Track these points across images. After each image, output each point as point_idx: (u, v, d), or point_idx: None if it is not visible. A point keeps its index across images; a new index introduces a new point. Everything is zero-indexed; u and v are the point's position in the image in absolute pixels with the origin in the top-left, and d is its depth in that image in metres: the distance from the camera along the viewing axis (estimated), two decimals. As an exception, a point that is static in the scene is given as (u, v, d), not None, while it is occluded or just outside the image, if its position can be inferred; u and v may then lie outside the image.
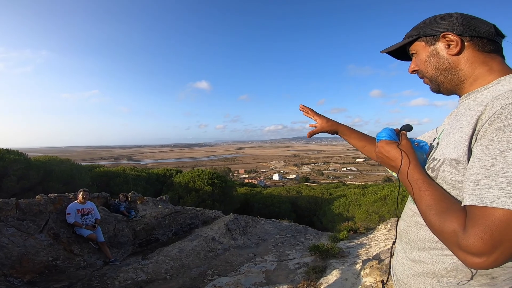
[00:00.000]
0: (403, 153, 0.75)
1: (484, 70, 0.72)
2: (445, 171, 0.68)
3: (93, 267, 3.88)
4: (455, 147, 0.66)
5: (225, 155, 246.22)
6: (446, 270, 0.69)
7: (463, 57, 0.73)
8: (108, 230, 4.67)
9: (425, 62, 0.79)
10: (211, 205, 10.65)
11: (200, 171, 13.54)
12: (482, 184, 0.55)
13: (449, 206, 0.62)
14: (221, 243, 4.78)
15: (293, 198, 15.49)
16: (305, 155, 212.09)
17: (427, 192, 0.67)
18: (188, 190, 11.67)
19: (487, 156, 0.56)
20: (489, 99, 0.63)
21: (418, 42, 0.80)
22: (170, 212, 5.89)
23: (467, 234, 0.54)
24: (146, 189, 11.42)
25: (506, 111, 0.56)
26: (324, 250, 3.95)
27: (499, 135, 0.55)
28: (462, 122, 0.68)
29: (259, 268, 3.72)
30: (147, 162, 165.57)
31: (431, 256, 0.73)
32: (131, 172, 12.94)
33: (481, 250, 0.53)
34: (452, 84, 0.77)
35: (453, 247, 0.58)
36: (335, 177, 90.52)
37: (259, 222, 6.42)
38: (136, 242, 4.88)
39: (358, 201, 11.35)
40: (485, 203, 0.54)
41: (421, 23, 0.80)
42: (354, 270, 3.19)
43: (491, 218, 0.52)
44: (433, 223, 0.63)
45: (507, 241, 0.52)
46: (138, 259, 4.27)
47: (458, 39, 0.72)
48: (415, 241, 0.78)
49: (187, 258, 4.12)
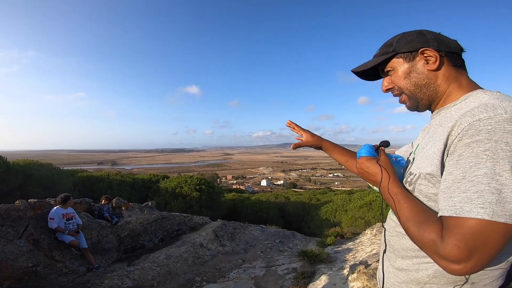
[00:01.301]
0: (382, 168, 0.78)
1: (456, 85, 0.76)
2: (421, 185, 0.72)
3: (75, 273, 3.74)
4: (429, 162, 0.69)
5: (213, 161, 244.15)
6: (429, 277, 0.72)
7: (440, 72, 0.76)
8: (92, 236, 4.51)
9: (405, 79, 0.79)
10: (199, 211, 10.49)
11: (188, 177, 13.35)
12: (455, 196, 0.59)
13: (426, 217, 0.65)
14: (209, 250, 4.71)
15: (281, 204, 15.50)
16: (292, 161, 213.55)
17: (406, 204, 0.69)
18: (175, 196, 11.46)
19: (458, 170, 0.59)
20: (458, 115, 0.66)
21: (395, 59, 0.80)
22: (157, 218, 5.76)
23: (444, 243, 0.57)
24: (131, 195, 11.12)
25: (473, 127, 0.59)
26: (312, 256, 3.97)
27: (467, 150, 0.59)
28: (435, 138, 0.72)
29: (248, 274, 3.69)
30: (132, 167, 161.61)
31: (414, 264, 0.76)
32: (115, 177, 12.58)
33: (459, 258, 0.56)
34: (429, 100, 0.79)
35: (434, 255, 0.61)
36: (322, 183, 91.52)
37: (247, 228, 6.39)
38: (121, 249, 4.73)
39: (345, 206, 11.51)
40: (459, 213, 0.57)
41: (391, 40, 0.81)
42: (342, 275, 3.23)
43: (465, 227, 0.56)
44: (413, 234, 0.66)
45: (481, 248, 0.55)
46: (123, 266, 4.15)
47: (437, 54, 0.74)
48: (399, 250, 0.81)
49: (174, 264, 4.04)
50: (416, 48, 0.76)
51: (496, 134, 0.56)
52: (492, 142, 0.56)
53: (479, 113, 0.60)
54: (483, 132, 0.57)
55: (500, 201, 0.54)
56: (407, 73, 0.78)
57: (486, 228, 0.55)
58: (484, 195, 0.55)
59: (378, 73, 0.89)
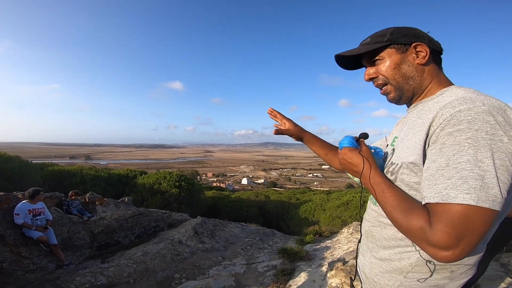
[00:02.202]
0: (364, 159, 0.79)
1: (436, 81, 0.80)
2: (403, 174, 0.73)
3: (44, 270, 3.54)
4: (411, 152, 0.71)
5: (193, 158, 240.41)
6: (411, 265, 0.74)
7: (427, 67, 0.79)
8: (62, 232, 4.27)
9: (394, 69, 0.80)
10: (178, 208, 10.27)
11: (167, 173, 13.01)
12: (440, 183, 0.60)
13: (412, 205, 0.66)
14: (189, 246, 4.62)
15: (261, 203, 15.56)
16: (273, 161, 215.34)
17: (390, 193, 0.70)
18: (153, 192, 11.13)
19: (442, 158, 0.61)
20: (437, 108, 0.69)
21: (388, 49, 0.81)
22: (133, 214, 5.56)
23: (434, 230, 0.58)
24: (106, 190, 10.64)
25: (455, 118, 0.62)
26: (292, 253, 4.01)
27: (450, 139, 0.61)
28: (414, 129, 0.74)
29: (228, 271, 3.66)
30: (107, 162, 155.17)
31: (396, 253, 0.77)
32: (89, 172, 11.97)
33: (448, 244, 0.57)
34: (413, 93, 0.82)
35: (422, 243, 0.62)
36: (302, 183, 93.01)
37: (228, 226, 6.34)
38: (94, 245, 4.52)
39: (323, 206, 11.76)
40: (445, 200, 0.58)
41: (384, 31, 0.82)
42: (320, 272, 3.29)
43: (452, 213, 0.57)
44: (400, 222, 0.66)
45: (469, 233, 0.57)
46: (96, 263, 3.97)
47: (428, 50, 0.77)
48: (381, 240, 0.82)
49: (152, 261, 3.91)
50: (411, 41, 0.78)
51: (477, 123, 0.59)
52: (473, 131, 0.59)
53: (459, 105, 0.63)
54: (464, 122, 0.60)
55: (484, 187, 0.56)
56: (397, 64, 0.80)
57: (472, 213, 0.56)
58: (468, 181, 0.57)
59: (359, 62, 0.90)
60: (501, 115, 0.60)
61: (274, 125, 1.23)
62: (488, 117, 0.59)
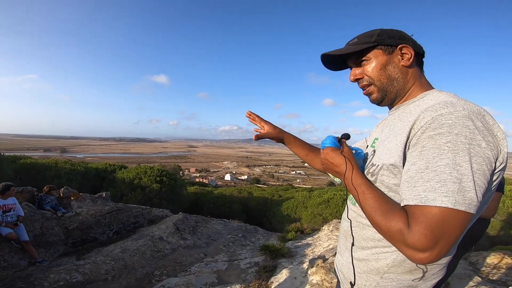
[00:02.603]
0: (346, 159, 0.79)
1: (418, 84, 0.81)
2: (383, 175, 0.74)
3: (15, 267, 3.39)
4: (391, 154, 0.72)
5: (176, 153, 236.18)
6: (388, 266, 0.75)
7: (411, 70, 0.80)
8: (34, 228, 4.07)
9: (380, 70, 0.81)
10: (159, 204, 10.03)
11: (148, 168, 12.66)
12: (419, 186, 0.61)
13: (391, 207, 0.67)
14: (170, 243, 4.53)
15: (244, 199, 15.57)
16: (257, 157, 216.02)
17: (370, 195, 0.71)
18: (133, 188, 10.80)
19: (421, 161, 0.62)
20: (418, 111, 0.70)
21: (375, 50, 0.81)
22: (111, 210, 5.36)
23: (412, 232, 0.59)
24: (82, 185, 10.17)
25: (436, 121, 0.62)
26: (274, 250, 4.04)
27: (430, 142, 0.62)
28: (395, 131, 0.75)
29: (210, 268, 3.62)
30: (85, 156, 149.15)
31: (373, 254, 0.78)
32: (64, 166, 11.39)
33: (425, 246, 0.58)
34: (396, 94, 0.82)
35: (400, 245, 0.62)
36: (285, 180, 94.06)
37: (210, 222, 6.29)
38: (68, 242, 4.33)
39: (305, 203, 11.95)
40: (424, 202, 0.59)
41: (371, 32, 0.82)
42: (302, 269, 3.33)
43: (430, 216, 0.58)
44: (379, 223, 0.66)
45: (445, 236, 0.58)
46: (71, 260, 3.83)
47: (413, 52, 0.78)
48: (359, 240, 0.83)
49: (131, 258, 3.81)
50: (397, 43, 0.79)
51: (456, 128, 0.60)
52: (453, 135, 0.60)
53: (440, 109, 0.64)
54: (445, 126, 0.61)
55: (461, 190, 0.57)
56: (383, 65, 0.80)
57: (449, 216, 0.57)
58: (446, 184, 0.57)
59: (344, 63, 0.90)
60: (479, 120, 0.62)
61: (255, 129, 1.20)
62: (467, 122, 0.60)
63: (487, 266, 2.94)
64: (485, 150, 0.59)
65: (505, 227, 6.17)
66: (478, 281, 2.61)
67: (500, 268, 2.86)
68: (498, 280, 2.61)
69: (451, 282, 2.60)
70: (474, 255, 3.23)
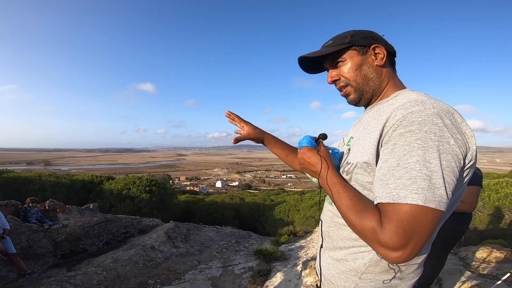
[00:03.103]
0: (322, 159, 0.79)
1: (392, 83, 0.83)
2: (357, 174, 0.75)
3: (5, 279, 3.30)
4: (365, 152, 0.73)
5: (165, 162, 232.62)
6: (365, 265, 0.75)
7: (385, 69, 0.82)
8: (21, 241, 3.97)
9: (355, 71, 0.82)
10: (149, 214, 9.83)
11: (136, 178, 12.41)
12: (390, 183, 0.61)
13: (365, 205, 0.67)
14: (162, 252, 4.44)
15: (236, 205, 15.46)
16: (247, 163, 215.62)
17: (345, 194, 0.71)
18: (122, 198, 10.55)
19: (393, 158, 0.63)
20: (391, 109, 0.71)
21: (350, 51, 0.82)
22: (100, 221, 5.22)
23: (384, 231, 0.59)
24: (68, 198, 9.85)
25: (407, 119, 0.64)
26: (268, 254, 4.04)
27: (401, 139, 0.63)
28: (369, 129, 0.76)
29: (204, 275, 3.58)
30: (70, 168, 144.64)
31: (351, 253, 0.78)
32: (49, 179, 11.02)
33: (398, 244, 0.58)
34: (372, 94, 0.84)
35: (374, 244, 0.62)
36: (276, 184, 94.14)
37: (202, 229, 6.21)
38: (57, 254, 4.22)
39: (297, 206, 11.99)
40: (395, 199, 0.59)
41: (346, 34, 0.83)
42: (296, 271, 3.35)
43: (402, 213, 0.58)
44: (353, 223, 0.67)
45: (417, 234, 0.58)
46: (62, 271, 3.73)
47: (385, 52, 0.80)
48: (337, 241, 0.82)
49: (123, 268, 3.71)
50: (369, 43, 0.80)
51: (426, 125, 0.61)
52: (422, 132, 0.61)
53: (411, 107, 0.65)
54: (415, 123, 0.62)
55: (431, 187, 0.57)
56: (358, 65, 0.81)
57: (419, 213, 0.57)
58: (417, 181, 0.58)
59: (321, 66, 0.91)
60: (448, 118, 0.63)
61: (235, 131, 1.17)
62: (437, 120, 0.61)
63: (477, 260, 2.98)
64: (454, 147, 0.60)
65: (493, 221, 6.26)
66: (469, 275, 2.63)
67: (489, 262, 2.89)
68: (489, 274, 2.64)
69: (443, 278, 2.63)
70: (463, 250, 3.27)
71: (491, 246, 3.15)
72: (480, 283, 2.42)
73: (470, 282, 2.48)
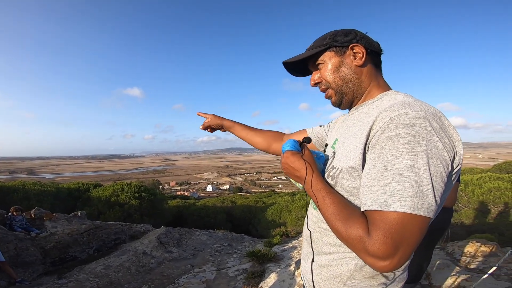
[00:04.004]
0: (306, 163, 0.75)
1: (375, 84, 0.79)
2: (343, 179, 0.71)
3: None
4: (351, 156, 0.69)
5: (154, 167, 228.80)
6: (350, 271, 0.72)
7: (365, 69, 0.78)
8: (9, 249, 3.92)
9: (334, 73, 0.79)
10: (140, 220, 9.66)
11: (125, 184, 12.17)
12: (378, 190, 0.59)
13: (351, 212, 0.64)
14: (154, 257, 4.39)
15: (228, 208, 15.38)
16: (238, 166, 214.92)
17: (330, 200, 0.68)
18: (111, 205, 10.33)
19: (380, 163, 0.60)
20: (377, 111, 0.68)
21: (328, 52, 0.80)
22: (89, 228, 5.12)
23: (372, 239, 0.57)
24: (54, 206, 9.57)
25: (394, 122, 0.61)
26: (261, 255, 4.04)
27: (389, 143, 0.60)
28: (355, 132, 0.72)
29: (198, 278, 3.56)
30: (54, 176, 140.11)
31: (335, 259, 0.75)
32: (33, 187, 10.68)
33: (386, 253, 0.56)
34: (353, 96, 0.81)
35: (361, 253, 0.60)
36: (267, 186, 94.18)
37: (194, 234, 6.17)
38: (47, 261, 4.16)
39: (289, 207, 12.06)
40: (383, 207, 0.57)
41: (326, 35, 0.81)
42: (289, 271, 3.38)
43: (389, 221, 0.56)
44: (339, 231, 0.64)
45: (405, 242, 0.56)
46: (53, 279, 3.68)
47: (364, 51, 0.76)
48: (321, 246, 0.79)
49: (115, 274, 3.66)
50: (347, 43, 0.77)
51: (414, 128, 0.59)
52: (410, 136, 0.58)
53: (399, 109, 0.63)
54: (403, 127, 0.59)
55: (420, 194, 0.55)
56: (336, 67, 0.79)
57: (408, 221, 0.55)
58: (405, 188, 0.56)
59: (308, 68, 0.89)
60: (436, 122, 0.61)
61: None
62: (425, 123, 0.59)
63: (464, 255, 3.02)
64: (442, 152, 0.58)
65: (478, 216, 6.31)
66: (457, 270, 2.66)
67: (476, 256, 2.94)
68: (476, 268, 2.69)
69: (431, 273, 2.68)
70: (450, 245, 3.32)
71: (478, 241, 3.20)
72: (468, 277, 2.46)
73: (458, 277, 2.52)
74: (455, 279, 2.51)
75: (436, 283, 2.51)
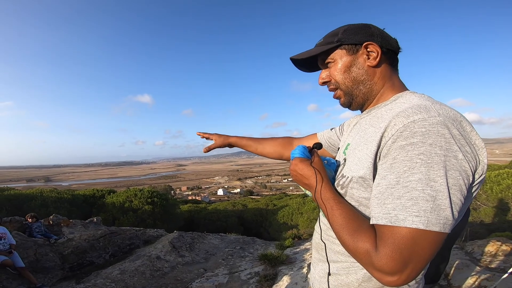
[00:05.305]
0: (316, 171, 0.71)
1: (389, 85, 0.73)
2: (353, 189, 0.68)
3: None
4: (361, 165, 0.66)
5: (165, 173, 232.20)
6: (358, 281, 0.70)
7: (378, 70, 0.72)
8: (28, 255, 4.04)
9: (344, 73, 0.74)
10: (153, 225, 9.82)
11: (137, 190, 12.42)
12: (388, 203, 0.55)
13: (359, 225, 0.61)
14: (168, 261, 4.45)
15: (239, 212, 15.42)
16: (248, 169, 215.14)
17: (339, 211, 0.65)
18: (124, 211, 10.56)
19: (392, 174, 0.56)
20: (390, 116, 0.63)
21: (339, 50, 0.74)
22: (104, 233, 5.25)
23: (379, 255, 0.54)
24: (71, 212, 9.87)
25: (408, 129, 0.56)
26: (273, 258, 4.03)
27: (402, 153, 0.55)
28: (366, 138, 0.68)
29: (211, 282, 3.58)
30: (70, 183, 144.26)
31: (344, 268, 0.73)
32: (50, 194, 11.05)
33: (394, 269, 0.53)
34: (364, 98, 0.76)
35: (368, 267, 0.58)
36: (278, 189, 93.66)
37: (206, 238, 6.22)
38: (65, 267, 4.28)
39: (300, 209, 11.98)
40: (393, 222, 0.53)
41: (337, 30, 0.75)
42: (302, 274, 3.36)
43: (399, 237, 0.53)
44: (346, 243, 0.62)
45: (415, 258, 0.53)
46: (71, 284, 3.77)
47: (379, 50, 0.70)
48: (329, 254, 0.77)
49: (131, 279, 3.73)
50: (361, 41, 0.71)
51: (431, 137, 0.54)
52: (426, 145, 0.54)
53: (413, 114, 0.58)
54: (418, 134, 0.55)
55: (435, 209, 0.52)
56: (347, 67, 0.73)
57: (420, 237, 0.52)
58: (419, 203, 0.52)
59: (316, 63, 0.82)
60: (456, 128, 0.56)
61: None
62: (443, 130, 0.54)
63: (484, 254, 2.92)
64: (462, 162, 0.54)
65: (498, 214, 6.14)
66: (477, 270, 2.58)
67: (497, 256, 2.83)
68: (497, 268, 2.60)
69: (451, 273, 2.61)
70: (469, 244, 3.22)
71: (498, 239, 3.09)
72: (488, 277, 2.38)
73: (478, 277, 2.44)
74: (475, 279, 2.43)
75: (455, 283, 2.44)
